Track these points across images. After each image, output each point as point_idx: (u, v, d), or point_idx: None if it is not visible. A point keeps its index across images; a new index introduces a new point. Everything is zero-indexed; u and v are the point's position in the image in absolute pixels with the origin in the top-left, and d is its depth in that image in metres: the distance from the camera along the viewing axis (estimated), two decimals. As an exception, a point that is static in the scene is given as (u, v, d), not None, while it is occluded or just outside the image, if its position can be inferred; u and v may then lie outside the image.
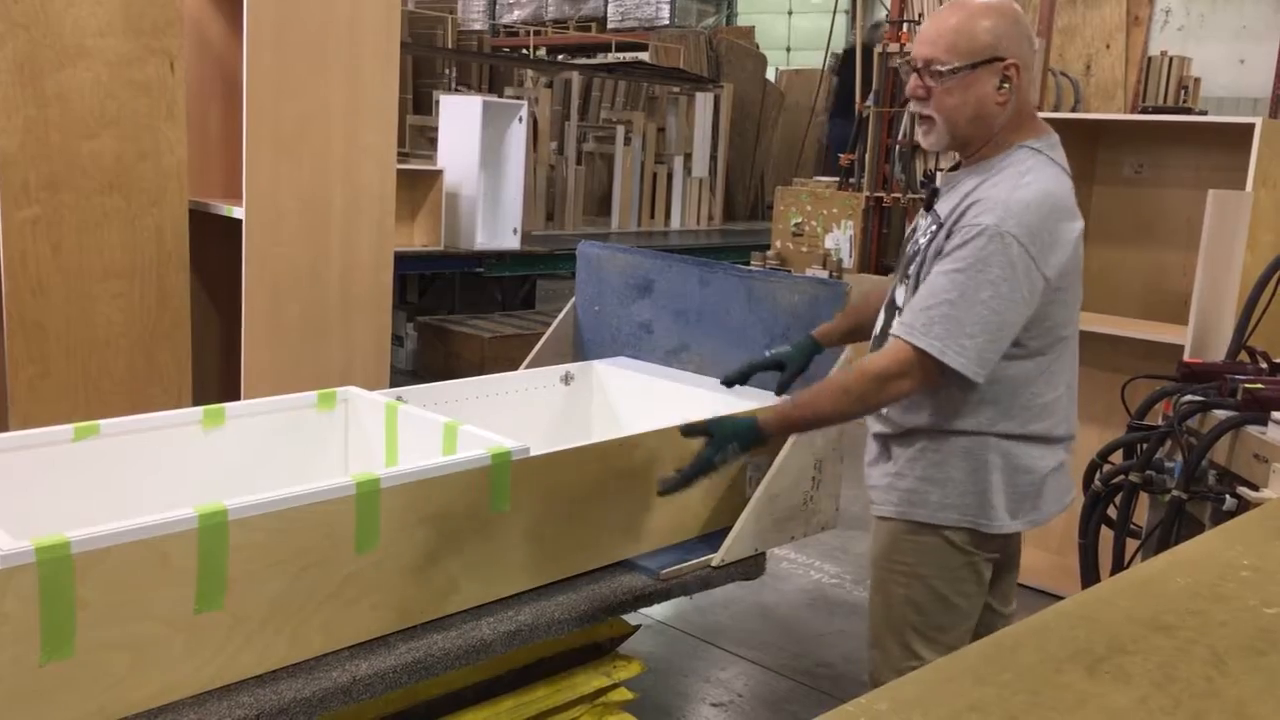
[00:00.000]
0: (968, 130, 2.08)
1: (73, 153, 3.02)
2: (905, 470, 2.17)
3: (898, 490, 2.18)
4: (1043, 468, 2.15)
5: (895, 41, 7.95)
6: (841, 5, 16.47)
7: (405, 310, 7.26)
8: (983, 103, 2.04)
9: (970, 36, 2.02)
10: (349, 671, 1.84)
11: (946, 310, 1.96)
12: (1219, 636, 1.14)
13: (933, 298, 1.98)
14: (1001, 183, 2.02)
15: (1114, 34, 7.46)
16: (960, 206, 2.04)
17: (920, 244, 2.13)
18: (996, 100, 2.04)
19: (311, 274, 3.43)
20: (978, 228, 1.96)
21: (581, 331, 3.18)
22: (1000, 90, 2.04)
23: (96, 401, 3.10)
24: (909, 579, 2.18)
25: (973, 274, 1.95)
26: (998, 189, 2.01)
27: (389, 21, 3.54)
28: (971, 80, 2.03)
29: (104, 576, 1.60)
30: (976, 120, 2.06)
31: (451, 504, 2.00)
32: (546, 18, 17.78)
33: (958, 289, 1.96)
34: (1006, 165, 2.06)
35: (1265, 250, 3.62)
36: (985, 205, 1.99)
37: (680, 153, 10.13)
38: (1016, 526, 2.19)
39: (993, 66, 2.02)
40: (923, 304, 2.00)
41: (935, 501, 2.14)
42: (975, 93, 2.04)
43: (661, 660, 3.39)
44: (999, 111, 2.06)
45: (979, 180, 2.07)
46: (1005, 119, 2.07)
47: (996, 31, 2.02)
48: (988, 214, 1.97)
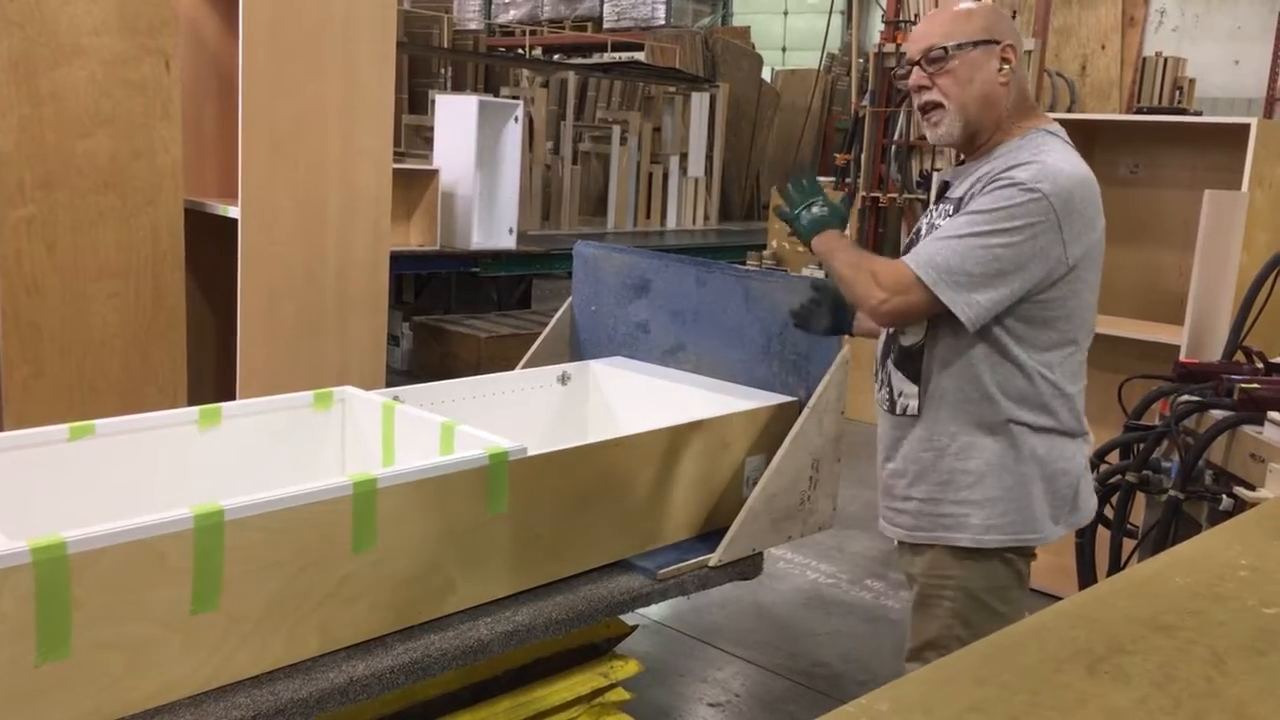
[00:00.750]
0: (978, 113, 2.09)
1: (67, 152, 3.01)
2: (938, 494, 2.13)
3: (930, 516, 2.14)
4: (1078, 466, 2.15)
5: (891, 41, 7.95)
6: (837, 6, 16.49)
7: (401, 310, 7.25)
8: (988, 83, 2.07)
9: (965, 21, 2.09)
10: (346, 672, 1.83)
11: (955, 245, 1.97)
12: (1218, 636, 1.14)
13: (947, 232, 2.00)
14: (1030, 156, 2.02)
15: (1109, 35, 7.47)
16: (988, 174, 2.03)
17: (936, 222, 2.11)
18: (1000, 81, 2.08)
19: (307, 273, 3.43)
20: (1010, 179, 1.97)
21: (578, 331, 3.18)
22: (1001, 72, 2.08)
23: (92, 401, 3.09)
24: (955, 593, 2.15)
25: (995, 219, 1.95)
26: (1030, 157, 2.01)
27: (384, 21, 3.53)
28: (974, 59, 2.07)
29: (100, 577, 1.59)
30: (984, 102, 2.08)
31: (449, 504, 1.99)
32: (542, 17, 17.78)
33: (973, 229, 1.96)
34: (1025, 146, 2.06)
35: (1261, 250, 3.63)
36: (1021, 166, 1.99)
37: (676, 152, 10.13)
38: (1060, 532, 2.17)
39: (990, 49, 2.07)
40: (937, 235, 2.01)
41: (978, 524, 2.10)
42: (981, 73, 2.07)
43: (659, 660, 3.39)
44: (1004, 94, 2.08)
45: (997, 161, 2.06)
46: (1010, 105, 2.10)
47: (988, 17, 2.10)
48: (1023, 170, 1.97)
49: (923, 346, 2.12)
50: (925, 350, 2.12)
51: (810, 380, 2.61)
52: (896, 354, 2.19)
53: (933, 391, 2.12)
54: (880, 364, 2.25)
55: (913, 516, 2.18)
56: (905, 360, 2.16)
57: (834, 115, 13.14)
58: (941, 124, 2.11)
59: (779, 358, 2.70)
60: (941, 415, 2.12)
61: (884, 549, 4.50)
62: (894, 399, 2.18)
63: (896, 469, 2.22)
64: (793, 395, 2.65)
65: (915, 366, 2.14)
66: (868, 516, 4.85)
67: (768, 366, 2.72)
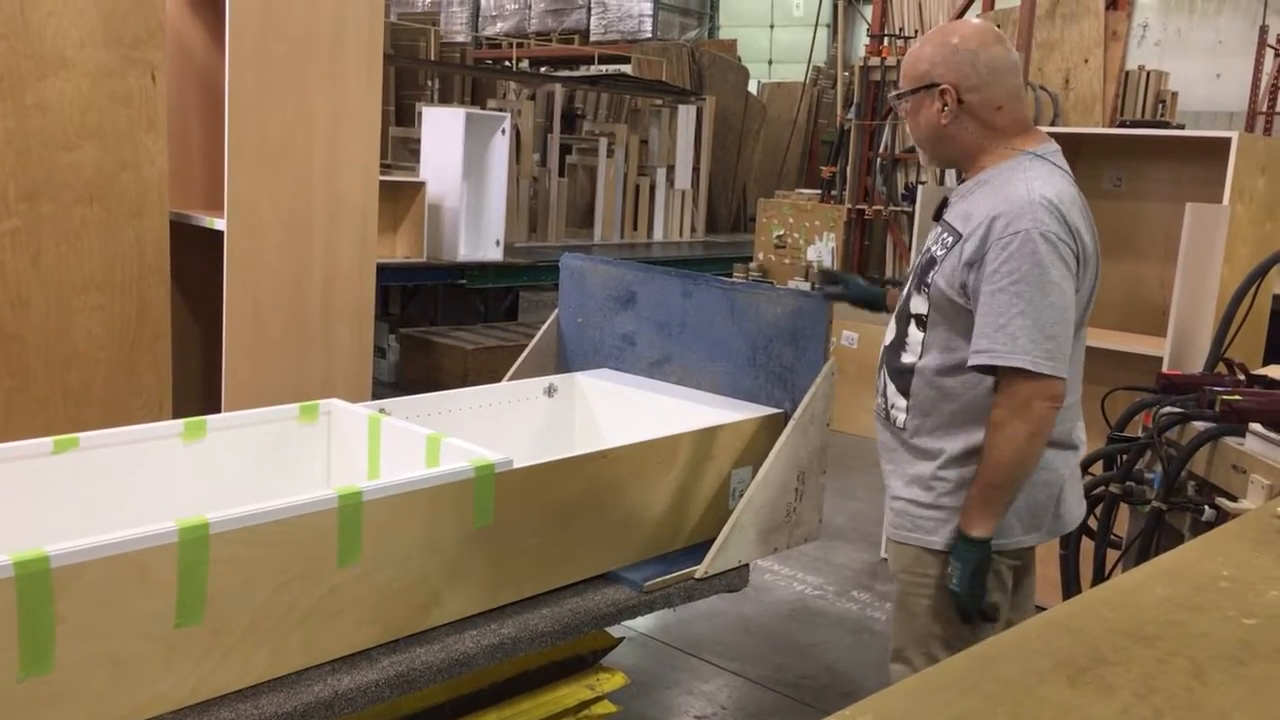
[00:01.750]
0: (934, 149, 2.22)
1: (53, 164, 3.00)
2: (920, 497, 2.21)
3: (911, 517, 2.22)
4: (1060, 476, 2.19)
5: (876, 55, 8.00)
6: (823, 19, 16.57)
7: (388, 322, 7.24)
8: (931, 124, 2.18)
9: (912, 65, 2.19)
10: (331, 686, 1.83)
11: (1024, 323, 1.99)
12: (1200, 647, 1.15)
13: (1004, 315, 2.01)
14: (1014, 186, 2.08)
15: (1092, 49, 7.52)
16: (978, 217, 2.08)
17: (936, 253, 2.17)
18: (941, 121, 2.15)
19: (293, 286, 3.42)
20: (1018, 234, 2.01)
21: (564, 343, 3.18)
22: (943, 112, 2.15)
23: (76, 414, 3.08)
24: (933, 592, 2.21)
25: (1034, 281, 1.99)
26: (1013, 191, 2.06)
27: (371, 33, 3.54)
28: (916, 104, 2.18)
29: (83, 591, 1.58)
30: (935, 140, 2.19)
31: (435, 517, 1.99)
32: (529, 30, 17.82)
33: (1024, 300, 1.99)
34: (1012, 171, 2.13)
35: (1242, 263, 3.66)
36: (1011, 212, 2.03)
37: (663, 165, 10.15)
38: (1035, 540, 2.23)
39: (931, 92, 2.15)
40: (998, 323, 2.01)
41: (951, 530, 2.16)
42: (923, 116, 2.18)
43: (645, 673, 3.38)
44: (956, 131, 2.16)
45: (986, 188, 2.14)
46: (974, 136, 2.16)
47: (933, 59, 2.16)
48: (1020, 219, 2.01)
49: (914, 366, 2.20)
50: (916, 371, 2.19)
51: (796, 392, 2.62)
52: (892, 368, 2.26)
53: (921, 406, 2.19)
54: (878, 374, 2.32)
55: (897, 515, 2.26)
56: (898, 375, 2.24)
57: (820, 128, 13.21)
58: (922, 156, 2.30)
59: (764, 370, 2.71)
60: (926, 425, 2.19)
61: (870, 560, 4.51)
62: (889, 410, 2.27)
63: (888, 469, 2.31)
64: (778, 407, 2.66)
65: (906, 383, 2.21)
66: (854, 528, 4.86)
67: (753, 378, 2.73)
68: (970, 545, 2.10)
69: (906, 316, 2.23)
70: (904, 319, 2.24)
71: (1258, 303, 2.94)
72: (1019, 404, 2.01)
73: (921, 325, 2.19)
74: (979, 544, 2.10)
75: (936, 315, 2.16)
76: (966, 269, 2.07)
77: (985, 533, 2.10)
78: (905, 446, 2.23)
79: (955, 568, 2.12)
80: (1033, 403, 2.01)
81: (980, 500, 2.09)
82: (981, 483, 2.08)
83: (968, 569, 2.10)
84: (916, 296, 2.20)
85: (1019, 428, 2.02)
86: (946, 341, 2.15)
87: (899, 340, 2.25)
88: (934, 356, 2.17)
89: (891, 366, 2.26)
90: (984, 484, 2.08)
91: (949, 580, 2.13)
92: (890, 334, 2.30)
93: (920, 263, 2.24)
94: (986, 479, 2.07)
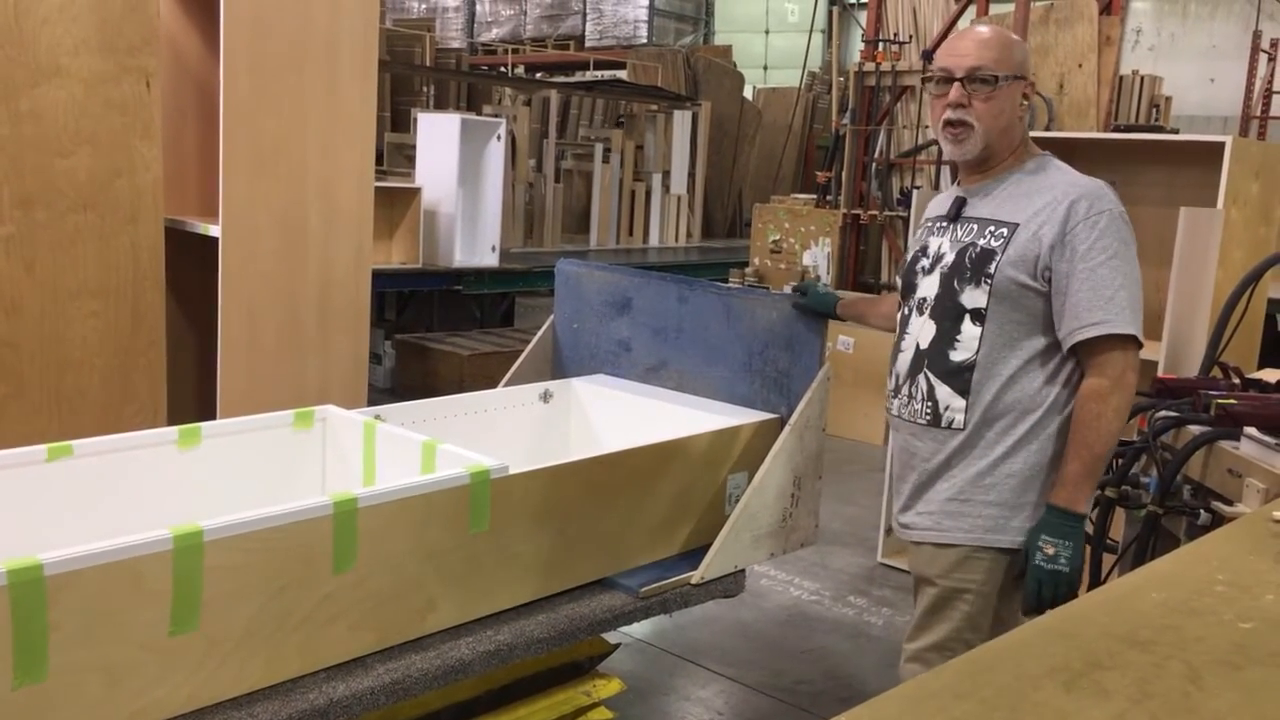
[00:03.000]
0: (998, 140, 2.22)
1: (47, 170, 3.00)
2: (976, 495, 2.20)
3: (965, 516, 2.21)
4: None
5: (871, 60, 8.01)
6: (818, 25, 16.60)
7: (383, 328, 7.23)
8: (1012, 115, 2.22)
9: (1012, 51, 2.20)
10: (326, 693, 1.82)
11: (1126, 295, 2.08)
12: (1195, 651, 1.15)
13: (1110, 288, 2.08)
14: (1066, 175, 2.19)
15: (1086, 53, 7.54)
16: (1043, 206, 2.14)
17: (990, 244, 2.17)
18: (1019, 115, 2.22)
19: (288, 292, 3.42)
20: (1104, 214, 2.10)
21: (560, 349, 3.18)
22: (1021, 106, 2.22)
23: (70, 421, 3.07)
24: (975, 596, 2.21)
25: (1125, 257, 2.10)
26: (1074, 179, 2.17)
27: (367, 39, 3.54)
28: (1009, 92, 2.19)
29: (77, 599, 1.58)
30: (1006, 131, 2.22)
31: (430, 523, 1.99)
32: (525, 36, 17.83)
33: (1122, 274, 2.09)
34: (1045, 166, 2.22)
35: (1236, 266, 3.66)
36: (1090, 194, 2.12)
37: (659, 170, 10.16)
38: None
39: (1020, 84, 2.21)
40: (1104, 295, 2.08)
41: (1017, 527, 2.19)
42: (1009, 104, 2.20)
43: (641, 679, 3.38)
44: (1019, 126, 2.24)
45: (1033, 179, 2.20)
46: (1021, 134, 2.25)
47: (1025, 51, 2.24)
48: (1100, 200, 2.11)
49: (974, 363, 2.19)
50: (977, 366, 2.19)
51: (792, 397, 2.62)
52: (941, 369, 2.23)
53: (983, 404, 2.19)
54: (908, 377, 2.29)
55: (946, 517, 2.23)
56: (953, 375, 2.21)
57: (815, 133, 13.23)
58: (965, 143, 2.21)
59: (760, 375, 2.71)
60: (989, 423, 2.20)
61: (866, 565, 4.51)
62: (939, 412, 2.23)
63: (931, 470, 2.26)
64: (774, 412, 2.66)
65: (965, 381, 2.20)
66: (850, 533, 4.86)
67: (749, 384, 2.73)
68: (1078, 520, 2.11)
69: (956, 313, 2.20)
70: (951, 316, 2.21)
71: (1252, 306, 2.95)
72: (1118, 374, 2.09)
73: (979, 319, 2.18)
74: (1084, 519, 2.13)
75: (998, 307, 2.16)
76: (1050, 252, 2.12)
77: (1087, 508, 2.14)
78: (963, 446, 2.21)
79: (1061, 545, 2.10)
80: (1127, 373, 2.10)
81: (1085, 474, 2.11)
82: (1088, 455, 2.10)
83: (1080, 543, 2.11)
84: (972, 290, 2.18)
85: (1121, 398, 2.10)
86: (1009, 333, 2.17)
87: (946, 338, 2.21)
88: (994, 350, 2.17)
89: (941, 367, 2.22)
90: (1091, 456, 2.10)
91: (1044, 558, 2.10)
92: (927, 334, 2.25)
93: (970, 257, 2.19)
94: (1095, 450, 2.10)
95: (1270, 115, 13.04)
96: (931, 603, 2.27)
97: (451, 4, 18.68)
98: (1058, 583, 2.11)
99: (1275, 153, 4.31)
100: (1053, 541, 2.10)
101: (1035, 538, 2.12)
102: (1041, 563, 2.10)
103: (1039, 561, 2.11)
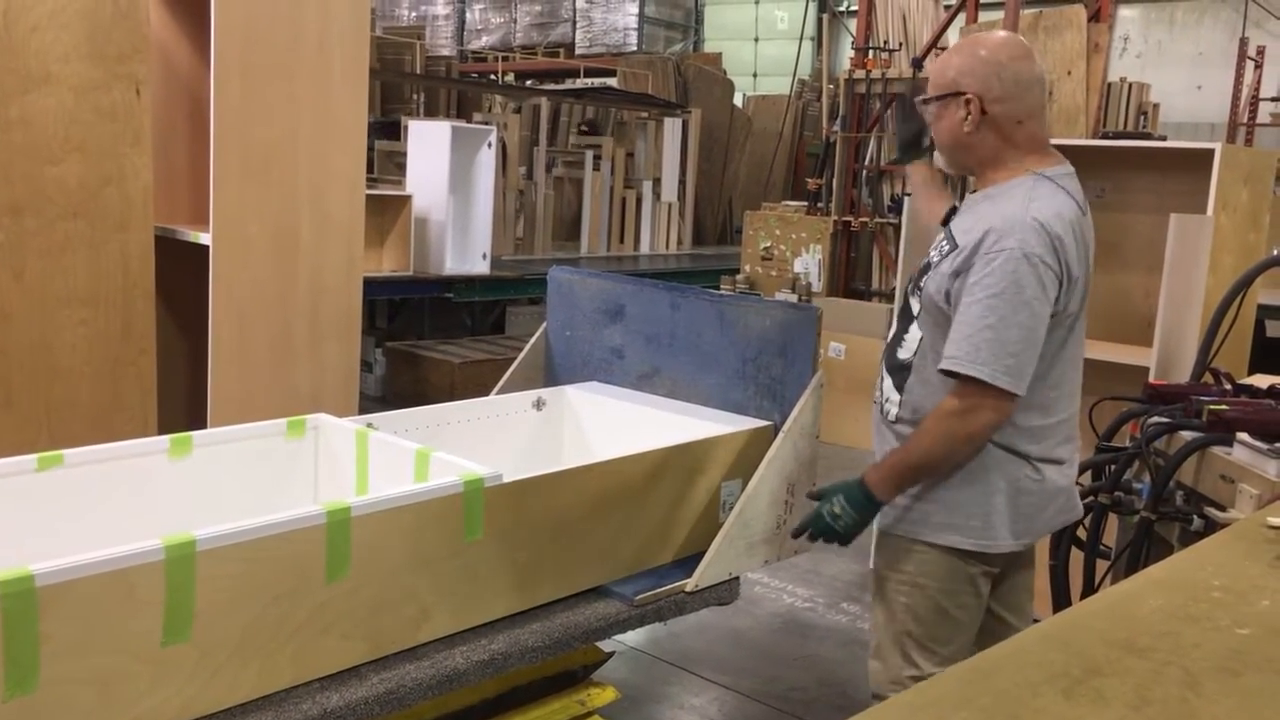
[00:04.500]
0: (954, 156, 2.26)
1: (37, 178, 2.99)
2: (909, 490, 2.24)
3: (899, 508, 2.26)
4: (1045, 488, 2.23)
5: (861, 67, 8.03)
6: (808, 32, 16.65)
7: (374, 336, 7.21)
8: (953, 132, 2.20)
9: (940, 72, 2.21)
10: (319, 704, 1.81)
11: (989, 336, 2.05)
12: (1193, 658, 1.15)
13: (973, 326, 2.07)
14: (1013, 205, 2.12)
15: (1075, 61, 7.57)
16: (975, 231, 2.13)
17: (932, 258, 2.24)
18: (964, 130, 2.18)
19: (279, 300, 3.40)
20: (1003, 252, 2.06)
21: (553, 356, 3.17)
22: (965, 121, 2.17)
23: (60, 431, 3.05)
24: (910, 588, 2.27)
25: (1009, 297, 2.05)
26: (1011, 209, 2.11)
27: (357, 47, 3.54)
28: (941, 111, 2.20)
29: (69, 609, 1.56)
30: (956, 148, 2.22)
31: (424, 532, 1.98)
32: (515, 43, 17.84)
33: (995, 314, 2.05)
34: (1016, 189, 2.17)
35: (1226, 272, 3.68)
36: (1002, 229, 2.08)
37: (649, 177, 10.16)
38: (1017, 545, 2.27)
39: (956, 100, 2.17)
40: (965, 333, 2.08)
41: (938, 522, 2.22)
42: (946, 122, 2.20)
43: (636, 687, 3.37)
44: (974, 141, 2.19)
45: (987, 203, 2.19)
46: (991, 148, 2.18)
47: (960, 68, 2.18)
48: (1008, 237, 2.06)
49: (911, 364, 2.26)
50: (913, 368, 2.25)
51: (785, 404, 2.62)
52: (890, 364, 2.32)
53: (914, 402, 2.24)
54: (880, 368, 2.38)
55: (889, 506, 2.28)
56: (895, 371, 2.30)
57: (805, 140, 13.25)
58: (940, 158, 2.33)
59: (754, 382, 2.70)
60: (915, 420, 2.23)
61: (860, 572, 4.51)
62: (883, 403, 2.32)
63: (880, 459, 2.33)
64: (767, 419, 2.65)
65: (901, 379, 2.27)
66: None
67: (743, 390, 2.73)
68: (873, 504, 2.20)
69: (907, 316, 2.30)
70: (904, 318, 2.31)
71: (1242, 312, 2.96)
72: (968, 406, 2.09)
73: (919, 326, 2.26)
74: (878, 505, 2.20)
75: (926, 317, 2.24)
76: (953, 278, 2.14)
77: (886, 499, 2.20)
78: (897, 439, 2.27)
79: (846, 512, 2.19)
80: (980, 410, 2.08)
81: (898, 472, 2.18)
82: (905, 458, 2.17)
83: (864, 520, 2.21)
84: (915, 297, 2.27)
85: (958, 426, 2.10)
86: (934, 342, 2.20)
87: (898, 336, 2.31)
88: (924, 355, 2.23)
89: (889, 362, 2.32)
90: (905, 461, 2.17)
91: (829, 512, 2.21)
92: (892, 329, 2.37)
93: (920, 266, 2.30)
94: (911, 458, 2.16)
95: (1257, 122, 13.11)
96: (875, 595, 2.38)
97: (441, 12, 18.69)
98: (828, 535, 2.23)
99: (1264, 159, 4.33)
100: (843, 506, 2.20)
101: (835, 493, 2.22)
102: (825, 515, 2.22)
103: (823, 511, 2.22)
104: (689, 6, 19.39)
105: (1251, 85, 13.24)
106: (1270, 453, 2.18)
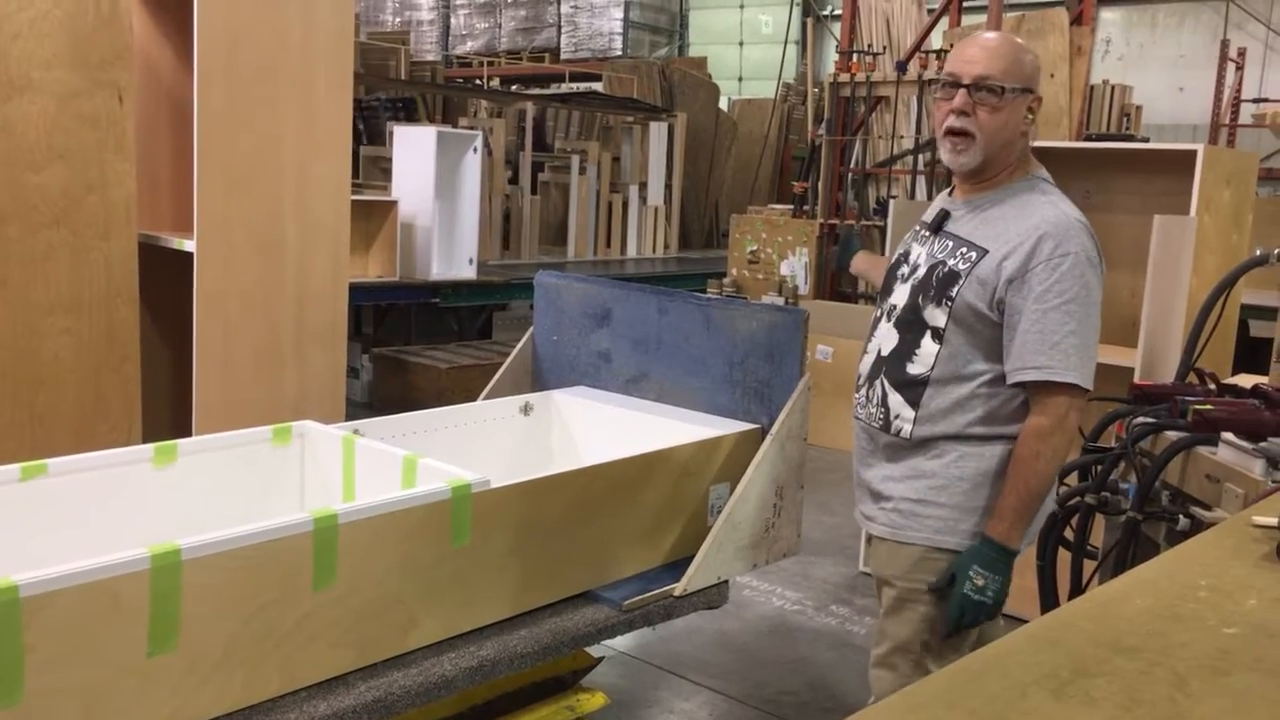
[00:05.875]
0: (999, 153, 2.19)
1: (19, 185, 2.97)
2: (930, 496, 2.22)
3: (918, 517, 2.23)
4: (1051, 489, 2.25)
5: (845, 71, 8.05)
6: (792, 36, 16.69)
7: (360, 342, 7.19)
8: (1015, 129, 2.18)
9: (1021, 63, 2.16)
10: (307, 712, 1.80)
11: (1075, 342, 2.07)
12: (1181, 658, 1.15)
13: (1057, 333, 2.08)
14: (1046, 208, 2.15)
15: (1058, 63, 7.61)
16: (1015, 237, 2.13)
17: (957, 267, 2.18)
18: (1022, 129, 2.18)
19: (264, 306, 3.39)
20: (1068, 257, 2.08)
21: (540, 361, 3.17)
22: (1025, 120, 2.18)
23: (43, 440, 3.03)
24: (932, 597, 2.23)
25: (1082, 302, 2.09)
26: (1050, 213, 2.13)
27: (341, 52, 3.52)
28: (1015, 104, 2.16)
29: (53, 620, 1.55)
30: (1007, 145, 2.19)
31: (411, 538, 1.97)
32: (500, 49, 17.82)
33: (1075, 319, 2.08)
34: (1030, 192, 2.18)
35: (1210, 273, 3.70)
36: (1059, 234, 2.10)
37: (635, 181, 10.17)
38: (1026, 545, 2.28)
39: (1027, 97, 2.17)
40: (1051, 340, 2.08)
41: (966, 530, 2.19)
42: (1014, 118, 2.16)
43: (625, 692, 3.36)
44: (1021, 141, 2.20)
45: (1005, 207, 2.18)
46: (1022, 149, 2.21)
47: (1035, 65, 2.18)
48: (1068, 241, 2.09)
49: (927, 378, 2.20)
50: (930, 382, 2.20)
51: (773, 407, 2.62)
52: (896, 379, 2.25)
53: (931, 417, 2.20)
54: (869, 380, 2.31)
55: (901, 515, 2.25)
56: (906, 387, 2.23)
57: (790, 144, 13.28)
58: (965, 154, 2.19)
59: (741, 385, 2.70)
60: (935, 438, 2.21)
61: (849, 575, 4.51)
62: (889, 420, 2.25)
63: (886, 473, 2.29)
64: (755, 423, 2.65)
65: (916, 395, 2.22)
66: (832, 542, 4.86)
67: (730, 394, 2.73)
68: (1010, 556, 2.14)
69: (918, 327, 2.22)
70: (914, 330, 2.22)
71: (1226, 312, 2.97)
72: (1060, 417, 2.09)
73: (938, 338, 2.19)
74: (1015, 555, 2.15)
75: (955, 328, 2.18)
76: (1007, 285, 2.11)
77: (1020, 545, 2.15)
78: (911, 454, 2.23)
79: (990, 578, 2.12)
80: (1070, 416, 2.10)
81: (1021, 509, 2.13)
82: (1024, 491, 2.12)
83: (1007, 578, 2.13)
84: (934, 309, 2.20)
85: (1061, 440, 2.11)
86: (964, 354, 2.18)
87: (905, 351, 2.23)
88: (947, 368, 2.19)
89: (896, 378, 2.25)
90: (1027, 492, 2.12)
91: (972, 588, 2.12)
92: (889, 342, 2.27)
93: (938, 275, 2.21)
94: (1030, 487, 2.12)
95: (1239, 123, 13.20)
96: (891, 604, 2.31)
97: (426, 17, 18.66)
98: (980, 613, 2.14)
99: (1245, 160, 4.36)
100: (983, 574, 2.12)
101: (967, 564, 2.14)
102: (970, 592, 2.12)
103: (967, 590, 2.13)
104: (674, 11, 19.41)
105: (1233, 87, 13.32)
106: (1255, 452, 2.19)
